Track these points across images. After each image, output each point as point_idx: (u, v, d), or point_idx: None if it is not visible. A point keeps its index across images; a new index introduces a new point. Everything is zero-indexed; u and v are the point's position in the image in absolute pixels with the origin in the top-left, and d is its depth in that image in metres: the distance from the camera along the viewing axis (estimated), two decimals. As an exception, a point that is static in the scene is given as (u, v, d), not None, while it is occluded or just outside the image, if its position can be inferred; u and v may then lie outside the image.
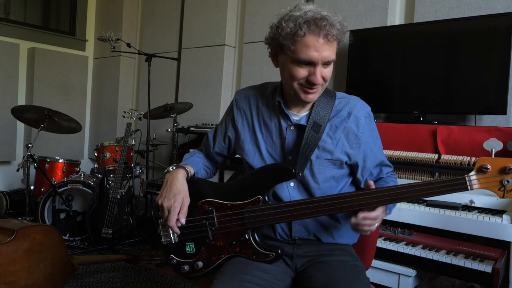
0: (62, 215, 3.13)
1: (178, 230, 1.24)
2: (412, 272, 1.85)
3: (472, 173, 1.04)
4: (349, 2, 2.85)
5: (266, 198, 1.22)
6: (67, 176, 3.41)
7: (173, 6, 4.10)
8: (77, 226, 3.14)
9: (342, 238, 1.30)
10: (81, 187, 3.12)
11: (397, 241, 1.93)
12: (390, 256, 1.89)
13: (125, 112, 3.30)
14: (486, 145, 1.77)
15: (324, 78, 1.15)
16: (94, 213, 2.96)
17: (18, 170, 3.01)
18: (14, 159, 4.19)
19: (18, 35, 4.20)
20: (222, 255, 1.24)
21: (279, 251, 1.20)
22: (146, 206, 3.32)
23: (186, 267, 1.27)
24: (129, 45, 3.34)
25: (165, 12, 4.18)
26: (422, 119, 2.37)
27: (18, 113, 3.17)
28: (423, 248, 1.85)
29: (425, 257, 1.81)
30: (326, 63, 1.14)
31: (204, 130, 3.35)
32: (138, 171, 3.52)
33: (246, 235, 1.21)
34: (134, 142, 3.46)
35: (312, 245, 1.28)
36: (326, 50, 1.11)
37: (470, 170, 1.06)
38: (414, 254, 1.84)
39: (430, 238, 1.95)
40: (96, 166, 3.46)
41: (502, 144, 1.76)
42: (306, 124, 1.24)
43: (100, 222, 2.94)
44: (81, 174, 3.31)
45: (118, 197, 2.99)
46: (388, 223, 2.06)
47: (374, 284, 1.32)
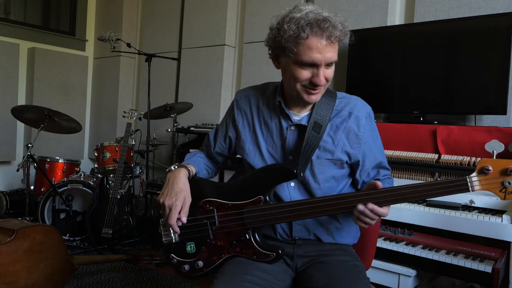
0: (62, 215, 3.13)
1: (178, 229, 1.24)
2: (412, 272, 1.85)
3: (473, 174, 1.04)
4: (349, 2, 2.86)
5: (267, 198, 1.22)
6: (67, 176, 3.41)
7: (173, 6, 4.10)
8: (77, 226, 3.14)
9: (342, 238, 1.30)
10: (81, 187, 3.12)
11: (397, 241, 1.94)
12: (390, 256, 1.90)
13: (125, 112, 3.30)
14: (488, 146, 1.77)
15: (326, 78, 1.16)
16: (94, 213, 2.96)
17: (18, 170, 3.01)
18: (14, 159, 4.19)
19: (18, 35, 4.20)
20: (222, 255, 1.24)
21: (280, 251, 1.20)
22: (146, 206, 3.32)
23: (187, 267, 1.27)
24: (129, 45, 3.34)
25: (165, 12, 4.18)
26: (422, 119, 2.37)
27: (18, 113, 3.17)
28: (423, 248, 1.85)
29: (425, 257, 1.81)
30: (328, 64, 1.14)
31: (204, 130, 3.35)
32: (138, 171, 3.52)
33: (247, 235, 1.21)
34: (134, 142, 3.46)
35: (312, 245, 1.28)
36: (329, 51, 1.11)
37: (470, 170, 1.06)
38: (414, 254, 1.84)
39: (430, 238, 1.95)
40: (96, 166, 3.46)
41: (503, 145, 1.75)
42: (307, 124, 1.24)
43: (100, 222, 2.94)
44: (81, 174, 3.31)
45: (118, 197, 2.99)
46: (388, 223, 2.06)
47: (374, 284, 1.32)
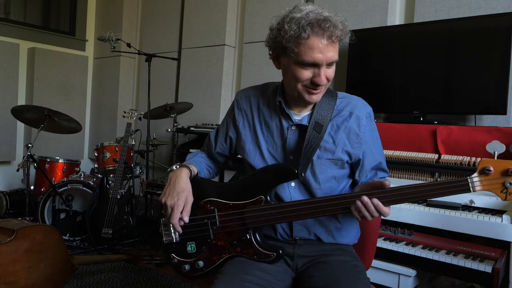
0: (62, 215, 3.13)
1: (180, 229, 1.24)
2: (412, 272, 1.85)
3: (474, 174, 1.03)
4: (349, 2, 2.86)
5: (268, 198, 1.22)
6: (67, 176, 3.41)
7: (173, 6, 4.10)
8: (77, 226, 3.14)
9: (342, 238, 1.30)
10: (81, 187, 3.12)
11: (397, 241, 1.94)
12: (390, 256, 1.90)
13: (125, 112, 3.30)
14: (489, 147, 1.77)
15: (327, 78, 1.16)
16: (94, 213, 2.96)
17: (18, 170, 3.01)
18: (14, 159, 4.19)
19: (18, 35, 4.20)
20: (223, 255, 1.24)
21: (280, 251, 1.20)
22: (146, 206, 3.32)
23: (187, 267, 1.27)
24: (129, 45, 3.34)
25: (165, 12, 4.18)
26: (422, 119, 2.37)
27: (18, 113, 3.17)
28: (423, 248, 1.85)
29: (425, 257, 1.81)
30: (329, 64, 1.14)
31: (204, 130, 3.35)
32: (138, 171, 3.52)
33: (248, 235, 1.21)
34: (134, 142, 3.46)
35: (312, 245, 1.28)
36: (330, 51, 1.11)
37: (470, 170, 1.05)
38: (414, 254, 1.84)
39: (430, 238, 1.95)
40: (96, 166, 3.46)
41: (504, 146, 1.75)
42: (307, 124, 1.24)
43: (100, 222, 2.94)
44: (81, 174, 3.31)
45: (118, 197, 2.99)
46: (388, 223, 2.06)
47: (374, 284, 1.32)
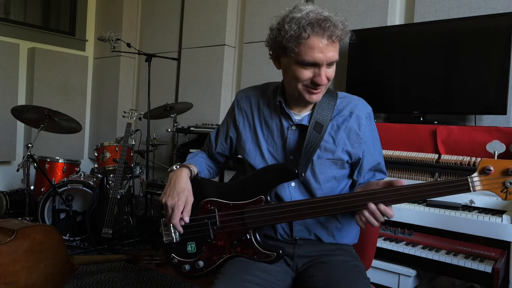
0: (62, 215, 3.13)
1: (181, 229, 1.24)
2: (412, 272, 1.85)
3: (474, 174, 1.03)
4: (349, 2, 2.86)
5: (269, 198, 1.22)
6: (67, 176, 3.41)
7: (173, 6, 4.10)
8: (77, 226, 3.14)
9: (343, 238, 1.30)
10: (81, 187, 3.12)
11: (397, 241, 1.94)
12: (390, 256, 1.90)
13: (125, 112, 3.30)
14: (489, 147, 1.76)
15: (328, 78, 1.16)
16: (94, 213, 2.96)
17: (18, 170, 3.01)
18: (14, 159, 4.19)
19: (18, 35, 4.20)
20: (223, 255, 1.24)
21: (280, 251, 1.20)
22: (146, 206, 3.32)
23: (187, 267, 1.27)
24: (129, 45, 3.34)
25: (165, 12, 4.18)
26: (422, 119, 2.37)
27: (18, 113, 3.17)
28: (423, 248, 1.85)
29: (425, 257, 1.81)
30: (330, 64, 1.14)
31: (204, 130, 3.35)
32: (138, 171, 3.52)
33: (248, 235, 1.21)
34: (134, 142, 3.46)
35: (313, 245, 1.28)
36: (330, 51, 1.11)
37: (470, 170, 1.05)
38: (414, 254, 1.84)
39: (430, 238, 1.95)
40: (96, 166, 3.46)
41: (504, 146, 1.75)
42: (308, 124, 1.24)
43: (100, 222, 2.94)
44: (81, 174, 3.31)
45: (118, 197, 2.99)
46: (388, 223, 2.06)
47: (374, 284, 1.32)
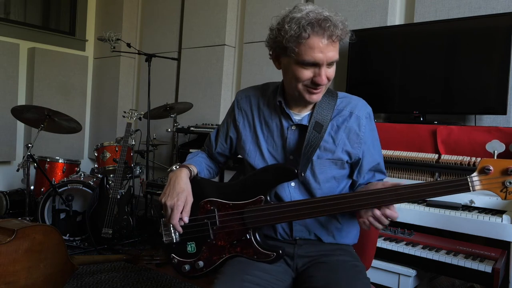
0: (62, 215, 3.13)
1: (180, 229, 1.24)
2: (412, 272, 1.85)
3: (474, 174, 1.03)
4: (349, 2, 2.86)
5: (268, 198, 1.22)
6: (67, 176, 3.41)
7: (173, 6, 4.10)
8: (77, 226, 3.14)
9: (342, 238, 1.30)
10: (81, 187, 3.12)
11: (397, 241, 1.94)
12: (390, 256, 1.90)
13: (125, 112, 3.30)
14: (489, 146, 1.77)
15: (328, 78, 1.16)
16: (94, 213, 2.96)
17: (18, 170, 3.01)
18: (14, 159, 4.19)
19: (18, 35, 4.20)
20: (223, 255, 1.24)
21: (280, 251, 1.19)
22: (146, 206, 3.32)
23: (187, 267, 1.27)
24: (129, 45, 3.34)
25: (165, 12, 4.18)
26: (422, 119, 2.37)
27: (18, 113, 3.17)
28: (423, 248, 1.85)
29: (425, 257, 1.81)
30: (330, 63, 1.14)
31: (204, 130, 3.35)
32: (138, 171, 3.52)
33: (247, 235, 1.21)
34: (134, 142, 3.46)
35: (312, 245, 1.28)
36: (330, 50, 1.11)
37: (470, 170, 1.05)
38: (414, 254, 1.84)
39: (430, 238, 1.95)
40: (96, 166, 3.46)
41: (504, 146, 1.75)
42: (308, 124, 1.24)
43: (100, 222, 2.94)
44: (81, 174, 3.31)
45: (118, 197, 2.99)
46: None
47: (374, 284, 1.32)
